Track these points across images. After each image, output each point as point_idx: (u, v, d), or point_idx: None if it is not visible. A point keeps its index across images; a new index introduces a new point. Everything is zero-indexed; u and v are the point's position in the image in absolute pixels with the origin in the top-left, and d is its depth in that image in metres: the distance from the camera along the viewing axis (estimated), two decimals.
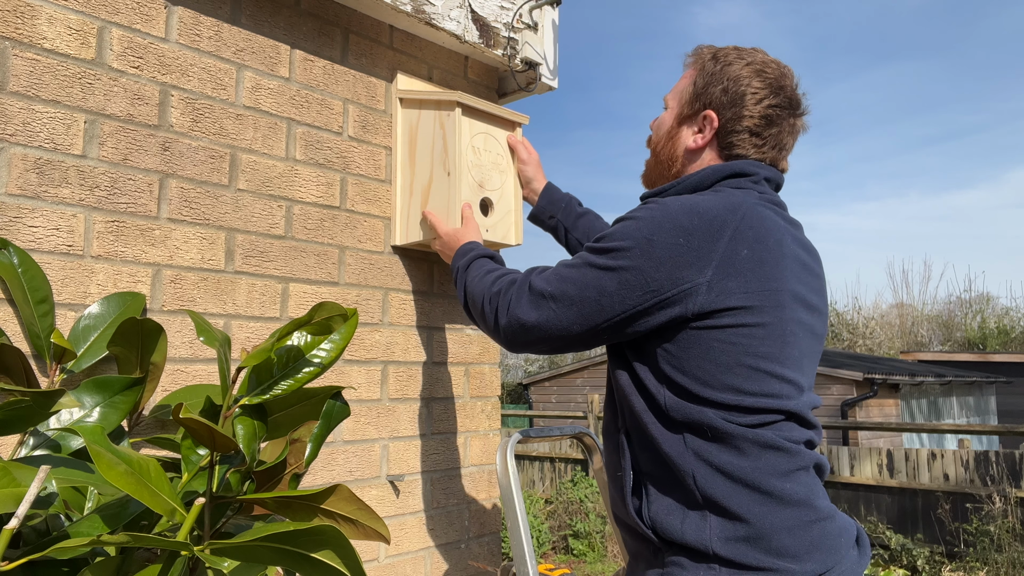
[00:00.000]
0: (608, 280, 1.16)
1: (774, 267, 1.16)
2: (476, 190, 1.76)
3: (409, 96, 1.87)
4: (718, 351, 1.13)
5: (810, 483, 1.15)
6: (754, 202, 1.21)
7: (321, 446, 0.95)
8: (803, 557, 1.09)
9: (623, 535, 1.27)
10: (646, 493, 1.18)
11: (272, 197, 1.63)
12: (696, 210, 1.16)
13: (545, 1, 2.07)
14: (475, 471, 2.03)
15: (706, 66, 1.33)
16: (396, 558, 1.81)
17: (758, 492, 1.10)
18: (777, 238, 1.19)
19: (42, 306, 1.22)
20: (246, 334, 1.56)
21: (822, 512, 1.14)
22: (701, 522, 1.11)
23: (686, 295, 1.12)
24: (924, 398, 12.52)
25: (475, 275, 1.44)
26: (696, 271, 1.12)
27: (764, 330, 1.14)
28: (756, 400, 1.13)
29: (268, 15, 1.65)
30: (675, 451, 1.14)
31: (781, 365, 1.16)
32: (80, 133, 1.34)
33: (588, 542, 6.96)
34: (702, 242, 1.13)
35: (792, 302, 1.18)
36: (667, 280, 1.13)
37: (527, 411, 10.55)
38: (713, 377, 1.13)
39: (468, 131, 1.76)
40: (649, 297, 1.14)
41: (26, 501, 0.63)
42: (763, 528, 1.08)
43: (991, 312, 23.50)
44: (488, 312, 1.34)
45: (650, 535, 1.15)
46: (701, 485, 1.11)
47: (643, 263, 1.14)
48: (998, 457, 6.45)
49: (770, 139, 1.29)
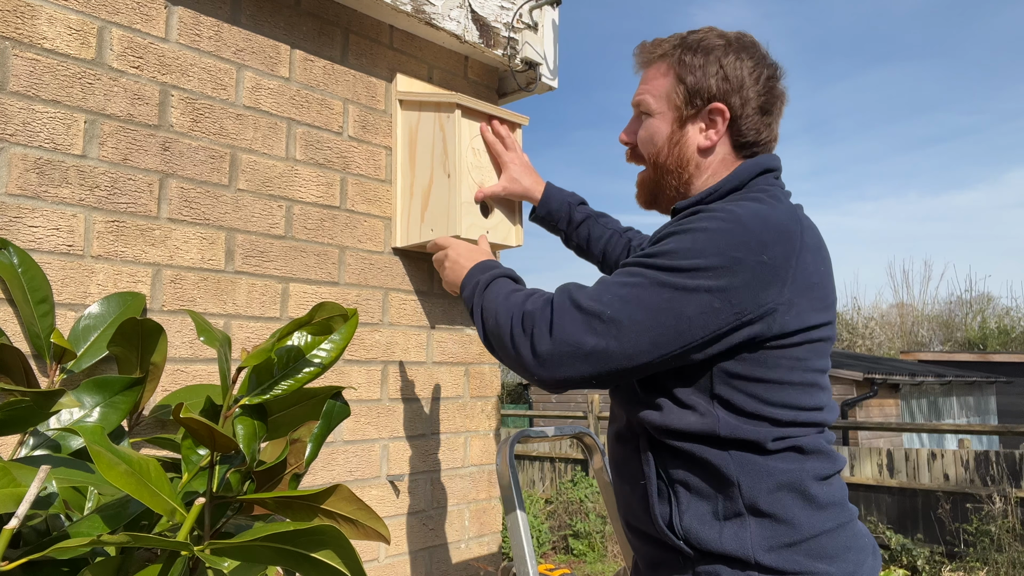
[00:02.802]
0: (687, 303, 1.02)
1: (827, 277, 1.12)
2: (476, 191, 1.75)
3: (409, 98, 1.87)
4: (785, 368, 1.06)
5: (840, 485, 1.14)
6: (796, 205, 1.17)
7: (321, 446, 0.95)
8: (839, 558, 1.07)
9: (637, 543, 1.19)
10: (676, 501, 1.10)
11: (272, 197, 1.63)
12: (768, 222, 1.07)
13: (545, 1, 2.07)
14: (475, 471, 2.03)
15: (684, 59, 1.21)
16: (396, 558, 1.81)
17: (802, 496, 1.07)
18: (822, 243, 1.15)
19: (42, 306, 1.22)
20: (246, 334, 1.56)
21: (852, 513, 1.13)
22: (741, 530, 1.05)
23: (768, 315, 1.04)
24: (924, 398, 12.51)
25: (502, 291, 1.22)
26: (777, 291, 1.04)
27: (824, 344, 1.11)
28: (809, 415, 1.09)
29: (268, 15, 1.65)
30: (718, 459, 1.07)
31: (822, 374, 1.13)
32: (80, 133, 1.34)
33: (588, 542, 6.96)
34: (780, 259, 1.05)
35: (834, 308, 1.15)
36: (752, 302, 1.03)
37: (527, 411, 10.54)
38: (771, 394, 1.07)
39: (468, 132, 1.75)
40: (734, 320, 1.03)
41: (26, 501, 0.63)
42: (806, 531, 1.06)
43: (991, 312, 23.51)
44: (517, 334, 1.11)
45: (681, 545, 1.08)
46: (746, 493, 1.06)
47: (728, 283, 1.02)
48: (998, 457, 6.45)
49: (776, 113, 1.23)
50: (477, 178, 1.76)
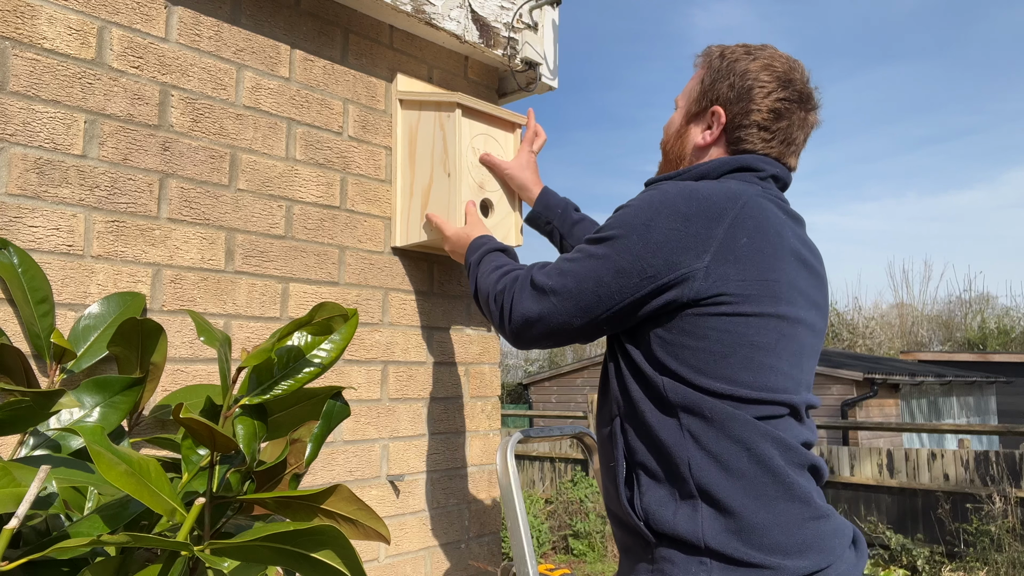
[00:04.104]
0: (604, 269, 1.16)
1: (773, 258, 1.15)
2: (476, 191, 1.76)
3: (409, 97, 1.87)
4: (713, 339, 1.11)
5: (804, 482, 1.13)
6: (756, 193, 1.20)
7: (321, 446, 0.95)
8: (795, 554, 1.07)
9: (615, 530, 1.25)
10: (638, 483, 1.16)
11: (272, 197, 1.63)
12: (695, 196, 1.15)
13: (545, 1, 2.07)
14: (475, 471, 2.03)
15: (713, 63, 1.33)
16: (396, 558, 1.81)
17: (752, 485, 1.08)
18: (777, 230, 1.18)
19: (42, 306, 1.22)
20: (246, 334, 1.56)
21: (818, 511, 1.12)
22: (692, 513, 1.09)
23: (683, 280, 1.11)
24: (924, 398, 12.52)
25: (485, 271, 1.44)
26: (693, 256, 1.11)
27: (761, 320, 1.13)
28: (752, 392, 1.11)
29: (268, 15, 1.65)
30: (671, 438, 1.12)
31: (778, 358, 1.14)
32: (80, 133, 1.34)
33: (588, 542, 6.96)
34: (700, 228, 1.12)
35: (790, 295, 1.17)
36: (664, 265, 1.12)
37: (527, 411, 10.55)
38: (708, 366, 1.11)
39: (468, 132, 1.75)
40: (646, 283, 1.13)
41: (26, 501, 0.63)
42: (755, 521, 1.07)
43: (991, 312, 23.51)
44: (495, 309, 1.34)
45: (642, 527, 1.13)
46: (696, 474, 1.10)
47: (639, 249, 1.13)
48: (998, 457, 6.45)
49: (779, 133, 1.27)
50: (477, 177, 1.76)
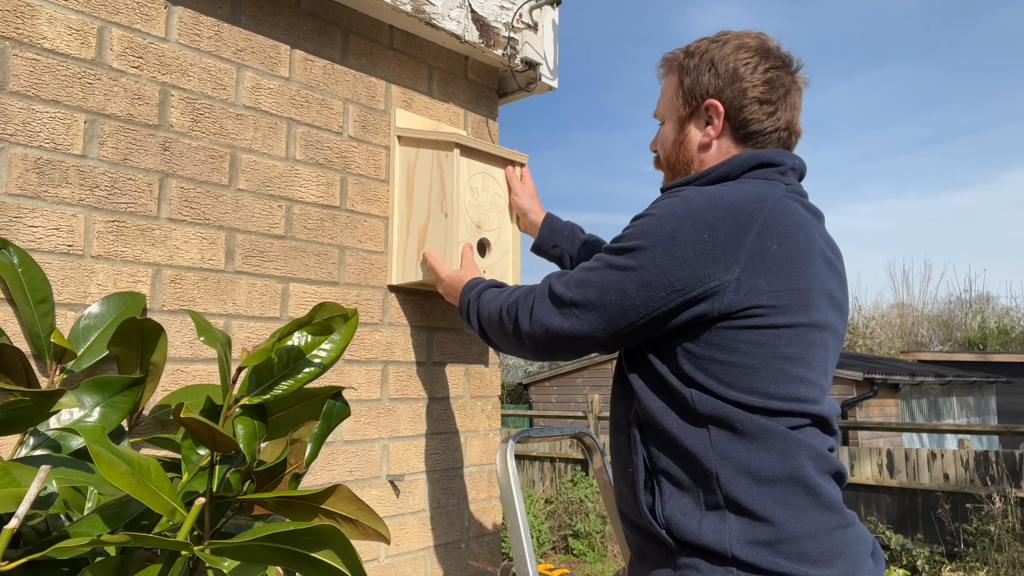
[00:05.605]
0: (628, 281, 1.11)
1: (804, 264, 1.12)
2: (473, 231, 1.75)
3: (407, 134, 1.85)
4: (744, 352, 1.08)
5: (832, 489, 1.11)
6: (781, 194, 1.16)
7: (321, 446, 0.95)
8: (824, 563, 1.05)
9: (628, 533, 1.22)
10: (660, 491, 1.13)
11: (272, 197, 1.63)
12: (720, 203, 1.10)
13: (545, 1, 2.07)
14: (475, 471, 2.03)
15: (684, 64, 1.29)
16: (396, 558, 1.81)
17: (784, 495, 1.06)
18: (806, 233, 1.14)
19: (42, 306, 1.22)
20: (246, 334, 1.56)
21: (844, 518, 1.10)
22: (720, 523, 1.06)
23: (713, 293, 1.07)
24: (924, 398, 12.52)
25: (486, 300, 1.42)
26: (723, 268, 1.07)
27: (793, 331, 1.10)
28: (782, 404, 1.09)
29: (268, 15, 1.65)
30: (698, 448, 1.09)
31: (808, 368, 1.11)
32: (80, 133, 1.34)
33: (588, 542, 6.96)
34: (728, 237, 1.07)
35: (821, 301, 1.13)
36: (692, 279, 1.07)
37: (527, 411, 10.54)
38: (738, 380, 1.08)
39: (466, 171, 1.74)
40: (674, 297, 1.08)
41: (26, 501, 0.63)
42: (787, 531, 1.05)
43: (991, 312, 23.52)
44: (507, 322, 1.30)
45: (663, 535, 1.11)
46: (724, 485, 1.07)
47: (665, 261, 1.08)
48: (998, 457, 6.46)
49: (779, 102, 1.23)
50: (475, 217, 1.76)
